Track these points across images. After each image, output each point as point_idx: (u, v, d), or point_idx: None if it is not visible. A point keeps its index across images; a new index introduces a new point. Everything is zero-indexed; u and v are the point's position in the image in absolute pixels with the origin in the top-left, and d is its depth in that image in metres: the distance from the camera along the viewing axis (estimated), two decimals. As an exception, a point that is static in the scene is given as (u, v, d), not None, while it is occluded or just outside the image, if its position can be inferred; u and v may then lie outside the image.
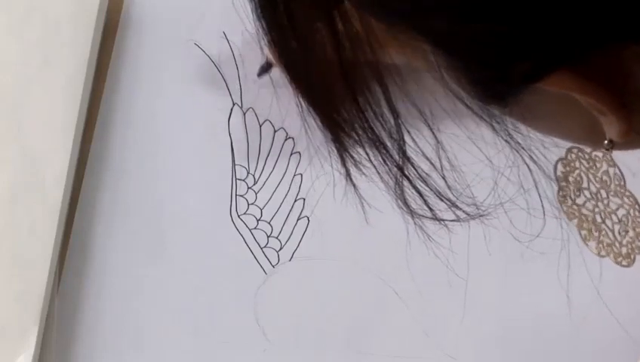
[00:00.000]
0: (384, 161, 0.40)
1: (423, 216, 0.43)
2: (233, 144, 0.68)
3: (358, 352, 0.64)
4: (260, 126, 0.68)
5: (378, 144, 0.39)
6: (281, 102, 0.66)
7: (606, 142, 0.38)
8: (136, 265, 0.67)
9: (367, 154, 0.40)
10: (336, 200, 0.64)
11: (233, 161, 0.68)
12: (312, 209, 0.66)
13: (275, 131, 0.67)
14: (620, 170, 0.41)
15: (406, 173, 0.40)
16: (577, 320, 0.61)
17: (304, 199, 0.66)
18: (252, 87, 0.68)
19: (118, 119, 0.70)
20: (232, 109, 0.68)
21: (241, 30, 0.59)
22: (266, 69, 0.65)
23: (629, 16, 0.31)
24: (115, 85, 0.71)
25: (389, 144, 0.39)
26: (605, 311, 0.59)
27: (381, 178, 0.41)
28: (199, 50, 0.69)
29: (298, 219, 0.66)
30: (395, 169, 0.40)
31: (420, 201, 0.41)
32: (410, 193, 0.41)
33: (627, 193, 0.41)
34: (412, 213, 0.42)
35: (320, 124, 0.40)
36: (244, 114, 0.68)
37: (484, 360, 0.62)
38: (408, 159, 0.40)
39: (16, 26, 0.71)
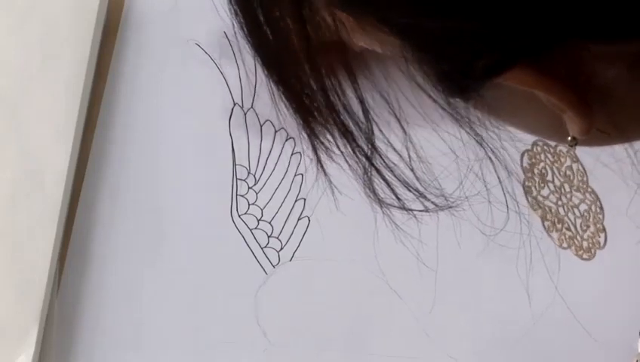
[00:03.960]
0: (353, 151, 0.41)
1: (391, 205, 0.43)
2: (234, 144, 0.68)
3: (358, 352, 0.64)
4: (261, 126, 0.68)
5: (346, 133, 0.40)
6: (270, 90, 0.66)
7: (569, 138, 0.39)
8: (136, 265, 0.67)
9: (336, 142, 0.41)
10: (337, 201, 0.64)
11: (234, 160, 0.68)
12: (313, 209, 0.66)
13: (275, 131, 0.67)
14: (582, 166, 0.41)
15: (374, 163, 0.41)
16: (537, 315, 0.61)
17: (305, 199, 0.66)
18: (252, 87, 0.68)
19: (119, 119, 0.70)
20: (232, 109, 0.68)
21: (230, 18, 0.59)
22: None
23: (587, 14, 0.32)
24: (115, 85, 0.71)
25: (356, 133, 0.40)
26: (564, 307, 0.60)
27: (350, 166, 0.41)
28: (200, 50, 0.69)
29: (299, 219, 0.66)
30: (364, 159, 0.41)
31: (387, 191, 0.42)
32: (378, 182, 0.42)
33: (589, 189, 0.42)
34: (380, 202, 0.43)
35: (290, 109, 0.41)
36: (245, 114, 0.68)
37: (485, 360, 0.62)
38: (376, 149, 0.41)
39: (16, 26, 0.71)
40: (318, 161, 0.43)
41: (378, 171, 0.41)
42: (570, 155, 0.41)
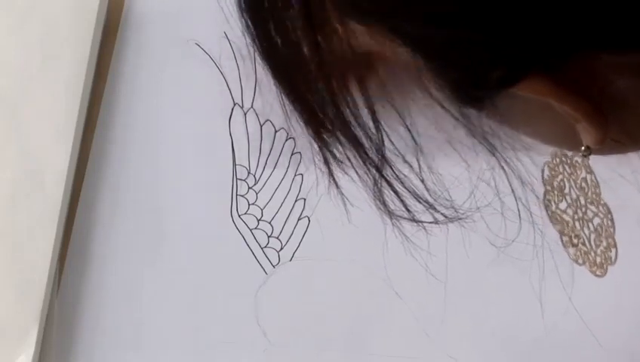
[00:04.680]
0: (363, 162, 0.41)
1: (401, 217, 0.43)
2: (234, 144, 0.68)
3: (358, 352, 0.64)
4: (261, 126, 0.68)
5: (356, 144, 0.40)
6: (282, 102, 0.66)
7: (583, 148, 0.39)
8: (136, 265, 0.67)
9: (346, 153, 0.41)
10: (349, 213, 0.64)
11: (234, 160, 0.68)
12: (313, 209, 0.66)
13: (275, 131, 0.67)
14: (595, 178, 0.41)
15: (384, 174, 0.41)
16: (549, 326, 0.61)
17: (305, 199, 0.66)
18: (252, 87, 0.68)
19: (119, 119, 0.70)
20: (232, 109, 0.68)
21: (242, 30, 0.59)
22: None
23: (601, 26, 0.32)
24: (115, 85, 0.71)
25: (367, 145, 0.40)
26: (577, 318, 0.60)
27: (360, 178, 0.41)
28: (200, 50, 0.69)
29: (299, 220, 0.66)
30: (374, 170, 0.41)
31: (398, 202, 0.42)
32: (388, 194, 0.42)
33: (602, 202, 0.42)
34: (390, 213, 0.43)
35: (301, 121, 0.41)
36: (245, 114, 0.68)
37: (485, 360, 0.62)
38: (387, 160, 0.41)
39: (16, 26, 0.72)
40: (330, 172, 0.43)
41: (388, 182, 0.41)
42: (585, 166, 0.41)
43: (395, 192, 0.41)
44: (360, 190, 0.42)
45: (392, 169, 0.41)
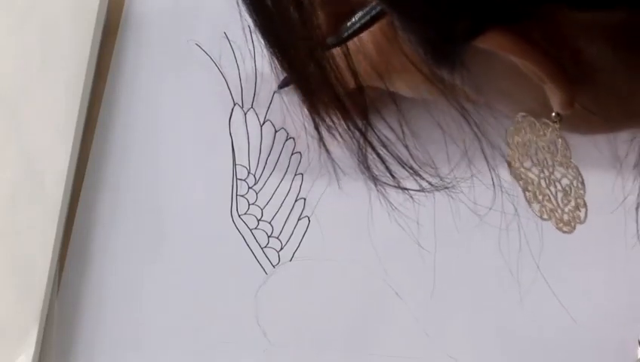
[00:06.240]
0: (347, 126, 0.41)
1: (385, 183, 0.43)
2: (234, 144, 0.68)
3: (358, 352, 0.64)
4: (261, 126, 0.68)
5: (340, 107, 0.40)
6: (282, 102, 0.66)
7: (553, 114, 0.39)
8: (136, 265, 0.67)
9: (331, 116, 0.41)
10: (337, 201, 0.64)
11: (234, 160, 0.68)
12: (313, 209, 0.66)
13: (275, 131, 0.67)
14: (566, 142, 0.41)
15: (368, 138, 0.41)
16: (524, 297, 0.61)
17: (305, 199, 0.66)
18: (252, 87, 0.68)
19: (118, 119, 0.70)
20: (232, 109, 0.69)
21: (242, 30, 0.59)
22: (287, 82, 0.65)
23: None
24: (115, 85, 0.71)
25: (350, 108, 0.40)
26: (575, 316, 0.60)
27: (345, 143, 0.42)
28: (200, 50, 0.69)
29: (299, 219, 0.66)
30: (358, 133, 0.41)
31: (382, 167, 0.42)
32: (372, 158, 0.42)
33: (572, 165, 0.42)
34: (375, 179, 0.43)
35: (294, 86, 0.41)
36: (245, 114, 0.68)
37: (485, 360, 0.62)
38: (370, 124, 0.41)
39: (16, 26, 0.72)
40: (320, 138, 0.43)
41: (372, 147, 0.41)
42: (554, 130, 0.41)
43: (379, 156, 0.42)
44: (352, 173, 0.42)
45: (375, 132, 0.41)
